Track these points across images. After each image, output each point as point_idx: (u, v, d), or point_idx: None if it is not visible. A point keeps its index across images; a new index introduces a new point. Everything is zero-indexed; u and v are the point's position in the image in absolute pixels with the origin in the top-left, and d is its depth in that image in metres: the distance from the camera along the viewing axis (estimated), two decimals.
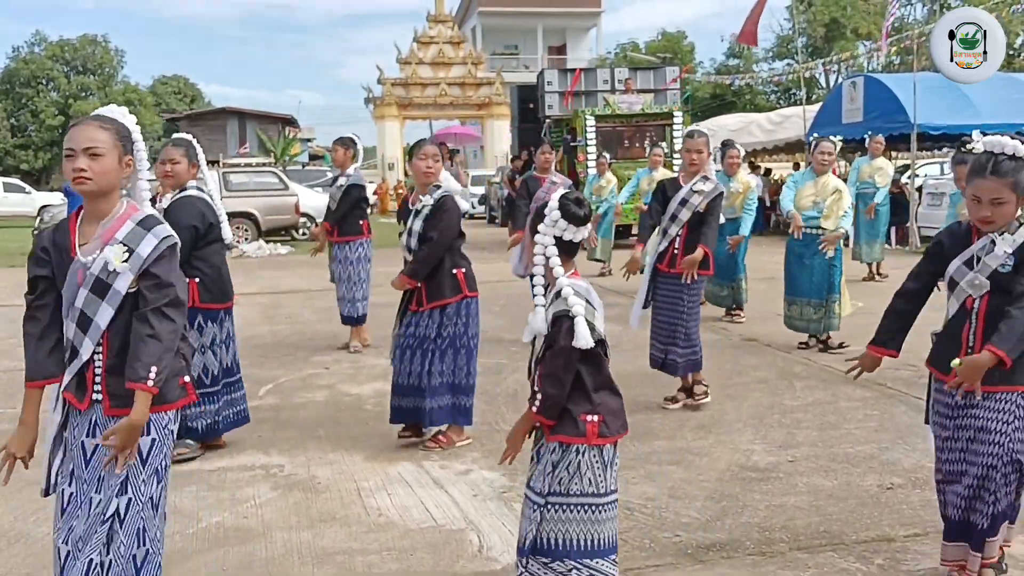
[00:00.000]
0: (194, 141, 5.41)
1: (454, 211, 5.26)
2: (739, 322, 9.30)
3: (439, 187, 5.30)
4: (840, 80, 23.79)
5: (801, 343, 7.92)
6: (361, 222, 8.14)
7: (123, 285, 2.73)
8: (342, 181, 8.10)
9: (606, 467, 2.95)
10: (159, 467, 2.82)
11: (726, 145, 9.48)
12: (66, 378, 2.79)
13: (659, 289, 6.09)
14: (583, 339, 2.85)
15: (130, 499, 2.76)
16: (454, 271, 5.30)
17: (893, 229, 15.84)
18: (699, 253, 5.87)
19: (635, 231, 11.60)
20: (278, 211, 19.54)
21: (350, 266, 8.12)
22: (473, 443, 5.43)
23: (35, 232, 19.15)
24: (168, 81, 57.17)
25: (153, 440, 2.80)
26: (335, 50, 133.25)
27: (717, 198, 6.04)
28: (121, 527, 2.76)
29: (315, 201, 19.63)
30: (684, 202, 5.99)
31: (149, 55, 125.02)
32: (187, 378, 2.90)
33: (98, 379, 2.77)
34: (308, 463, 5.15)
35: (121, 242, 2.73)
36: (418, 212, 5.28)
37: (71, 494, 2.79)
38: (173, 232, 2.83)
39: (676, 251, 5.99)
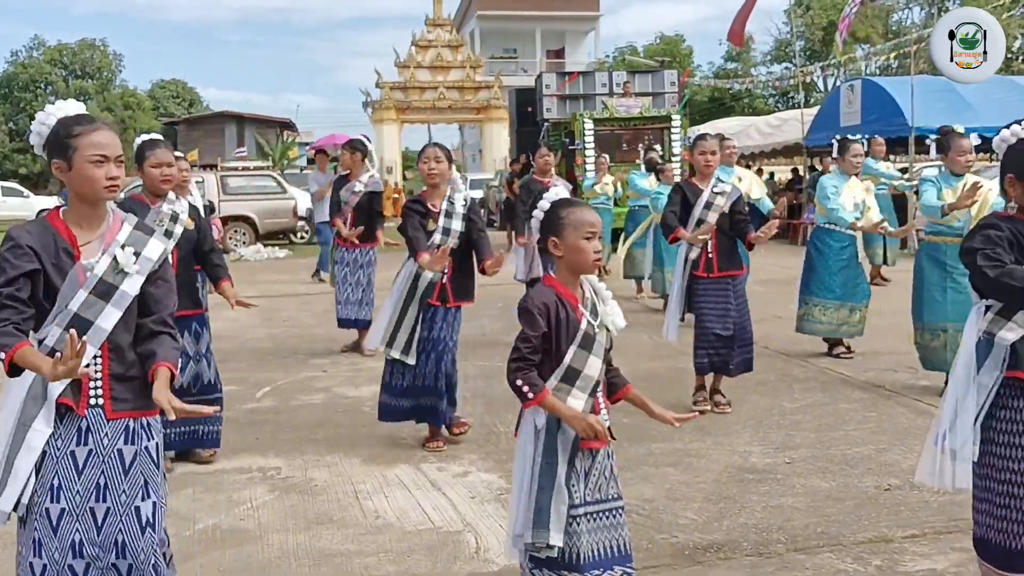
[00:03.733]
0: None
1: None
2: None
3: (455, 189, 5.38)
4: (838, 83, 23.78)
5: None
6: (377, 230, 8.16)
7: (133, 288, 2.70)
8: (359, 187, 8.04)
9: None
10: (162, 469, 2.83)
11: (723, 139, 9.39)
12: (60, 386, 2.63)
13: (703, 297, 5.98)
14: None
15: (154, 503, 2.75)
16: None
17: None
18: (772, 225, 5.71)
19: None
20: (276, 215, 19.58)
21: (359, 270, 8.12)
22: (471, 445, 5.42)
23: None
24: (166, 85, 57.00)
25: (156, 443, 2.79)
26: (333, 53, 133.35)
27: (739, 200, 6.01)
28: (154, 531, 2.73)
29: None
30: (709, 205, 5.94)
31: (147, 59, 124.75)
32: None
33: (98, 384, 2.69)
34: (305, 465, 5.14)
35: (124, 245, 2.71)
36: (449, 213, 5.28)
37: (62, 509, 2.64)
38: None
39: (711, 255, 5.94)
